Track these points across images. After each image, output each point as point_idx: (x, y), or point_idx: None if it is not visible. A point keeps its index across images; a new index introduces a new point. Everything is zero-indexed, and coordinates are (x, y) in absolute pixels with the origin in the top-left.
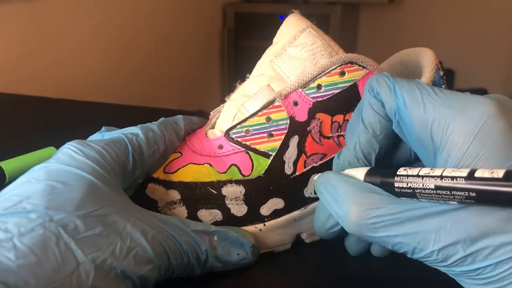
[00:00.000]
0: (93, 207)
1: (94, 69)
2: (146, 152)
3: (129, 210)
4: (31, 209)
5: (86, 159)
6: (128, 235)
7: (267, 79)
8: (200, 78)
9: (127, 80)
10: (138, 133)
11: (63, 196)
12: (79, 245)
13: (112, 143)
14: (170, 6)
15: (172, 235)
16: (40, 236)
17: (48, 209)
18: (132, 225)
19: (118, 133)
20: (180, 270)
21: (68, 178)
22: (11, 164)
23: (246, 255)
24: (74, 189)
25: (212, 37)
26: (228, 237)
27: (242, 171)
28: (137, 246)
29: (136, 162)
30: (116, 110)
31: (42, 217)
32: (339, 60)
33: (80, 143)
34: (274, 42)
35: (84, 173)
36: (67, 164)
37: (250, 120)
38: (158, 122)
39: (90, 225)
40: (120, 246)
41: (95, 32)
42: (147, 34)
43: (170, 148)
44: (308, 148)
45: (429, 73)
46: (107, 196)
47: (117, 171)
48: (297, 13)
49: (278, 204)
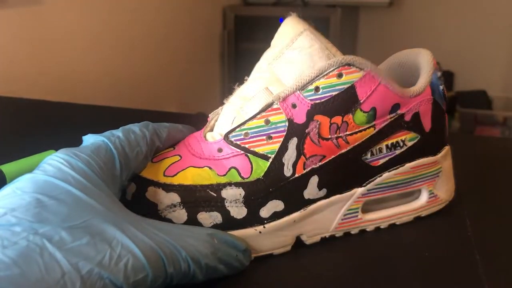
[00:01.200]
0: (79, 220)
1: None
2: (130, 154)
3: (121, 218)
4: (15, 222)
5: (73, 172)
6: (118, 243)
7: (265, 81)
8: (200, 81)
9: (127, 83)
10: (119, 135)
11: (49, 209)
12: (65, 255)
13: (97, 150)
14: (170, 9)
15: (168, 242)
16: (23, 248)
17: (32, 222)
18: (123, 232)
19: (100, 138)
20: (179, 277)
21: (55, 191)
22: (11, 168)
23: (242, 258)
24: (60, 203)
25: (212, 40)
26: (224, 240)
27: (242, 173)
28: (128, 254)
29: (122, 165)
30: (116, 113)
31: (26, 230)
32: (337, 62)
33: (68, 154)
34: (272, 45)
35: (71, 187)
36: (54, 176)
37: (249, 123)
38: (139, 124)
39: (76, 236)
40: (110, 254)
41: (95, 36)
42: (147, 37)
43: (152, 148)
44: (307, 150)
45: (427, 74)
46: (94, 209)
47: (105, 179)
48: (295, 16)
49: (277, 206)
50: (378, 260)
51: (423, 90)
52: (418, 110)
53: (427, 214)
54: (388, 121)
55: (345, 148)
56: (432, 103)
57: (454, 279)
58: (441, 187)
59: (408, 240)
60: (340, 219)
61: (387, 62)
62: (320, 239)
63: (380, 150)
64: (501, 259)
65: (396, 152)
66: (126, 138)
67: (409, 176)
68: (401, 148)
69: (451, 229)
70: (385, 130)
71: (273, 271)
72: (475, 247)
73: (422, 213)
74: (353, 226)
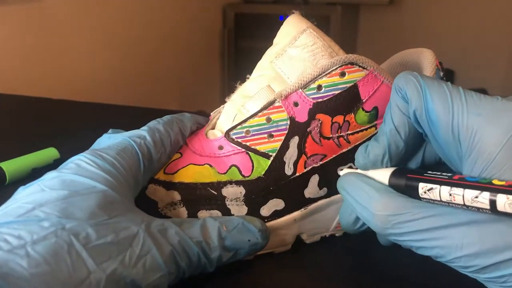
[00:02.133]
0: (105, 216)
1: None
2: (154, 157)
3: (139, 218)
4: (43, 217)
5: (100, 171)
6: (139, 243)
7: (267, 79)
8: (200, 79)
9: (128, 81)
10: (146, 136)
11: (76, 205)
12: (91, 254)
13: (123, 152)
14: (170, 7)
15: (182, 238)
16: (52, 244)
17: (60, 217)
18: (143, 232)
19: (126, 138)
20: (191, 271)
21: (81, 188)
22: (11, 165)
23: (257, 240)
24: (87, 199)
25: (212, 38)
26: (234, 226)
27: (242, 171)
28: (147, 254)
29: (146, 168)
30: (117, 111)
31: (54, 225)
32: (340, 61)
33: (93, 154)
34: (274, 43)
35: (97, 183)
36: (80, 174)
37: (250, 120)
38: (163, 121)
39: (101, 233)
40: (130, 254)
41: (95, 34)
42: (148, 35)
43: (175, 148)
44: (308, 149)
45: (429, 73)
46: (120, 206)
47: (130, 181)
48: (298, 14)
49: (278, 205)
50: (378, 260)
51: None
52: None
53: None
54: None
55: (346, 148)
56: None
57: (454, 279)
58: None
59: None
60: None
61: (389, 62)
62: (320, 238)
63: None
64: None
65: None
66: (152, 139)
67: None
68: None
69: None
70: None
71: (273, 270)
72: None
73: None
74: None
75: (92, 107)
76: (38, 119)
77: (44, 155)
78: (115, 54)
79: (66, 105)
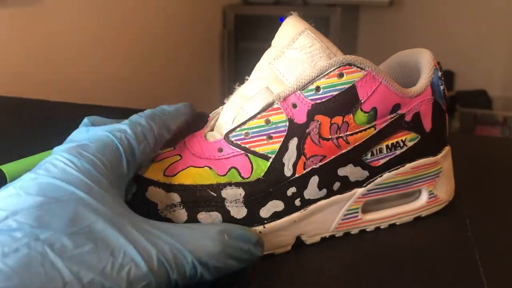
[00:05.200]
0: (83, 224)
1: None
2: (137, 150)
3: (125, 221)
4: (16, 227)
5: (78, 173)
6: (121, 251)
7: (266, 81)
8: (200, 80)
9: (127, 82)
10: (126, 129)
11: (52, 213)
12: (67, 263)
13: (103, 148)
14: (170, 8)
15: (173, 246)
16: (24, 256)
17: (34, 227)
18: (126, 238)
19: (106, 133)
20: (185, 281)
21: (59, 194)
22: (12, 167)
23: (254, 250)
24: (64, 206)
25: (212, 39)
26: (237, 234)
27: (242, 173)
28: (130, 263)
29: (130, 163)
30: (116, 113)
31: (27, 236)
32: (338, 62)
33: (72, 153)
34: (272, 45)
35: (76, 189)
36: (58, 178)
37: (249, 122)
38: (145, 114)
39: (78, 242)
40: (112, 263)
41: (95, 35)
42: (147, 37)
43: (160, 142)
44: (307, 150)
45: (428, 74)
46: (98, 212)
47: (112, 178)
48: (296, 15)
49: (277, 206)
50: (378, 260)
51: (423, 90)
52: (418, 110)
53: (427, 214)
54: (389, 121)
55: (346, 148)
56: (433, 103)
57: (454, 279)
58: (441, 188)
59: (408, 240)
60: (340, 219)
61: (387, 62)
62: (320, 239)
63: (380, 150)
64: (501, 259)
65: (397, 152)
66: (133, 132)
67: (409, 177)
68: (402, 148)
69: (451, 229)
70: (386, 130)
71: (273, 271)
72: (475, 247)
73: (422, 213)
74: (353, 226)
75: (92, 108)
76: (38, 121)
77: (44, 157)
78: (115, 55)
79: (66, 107)
